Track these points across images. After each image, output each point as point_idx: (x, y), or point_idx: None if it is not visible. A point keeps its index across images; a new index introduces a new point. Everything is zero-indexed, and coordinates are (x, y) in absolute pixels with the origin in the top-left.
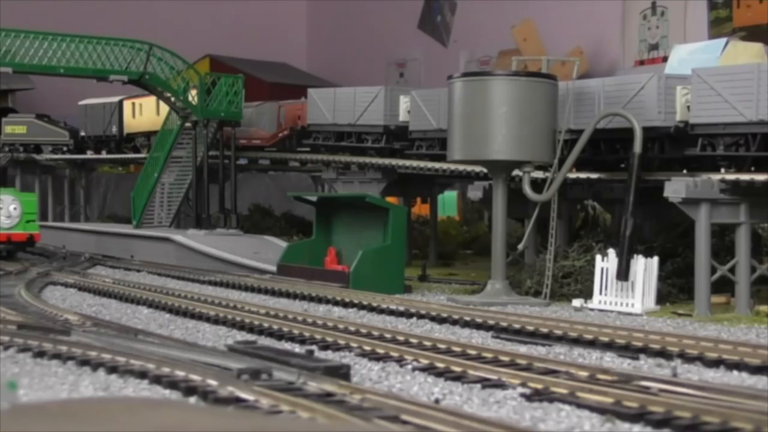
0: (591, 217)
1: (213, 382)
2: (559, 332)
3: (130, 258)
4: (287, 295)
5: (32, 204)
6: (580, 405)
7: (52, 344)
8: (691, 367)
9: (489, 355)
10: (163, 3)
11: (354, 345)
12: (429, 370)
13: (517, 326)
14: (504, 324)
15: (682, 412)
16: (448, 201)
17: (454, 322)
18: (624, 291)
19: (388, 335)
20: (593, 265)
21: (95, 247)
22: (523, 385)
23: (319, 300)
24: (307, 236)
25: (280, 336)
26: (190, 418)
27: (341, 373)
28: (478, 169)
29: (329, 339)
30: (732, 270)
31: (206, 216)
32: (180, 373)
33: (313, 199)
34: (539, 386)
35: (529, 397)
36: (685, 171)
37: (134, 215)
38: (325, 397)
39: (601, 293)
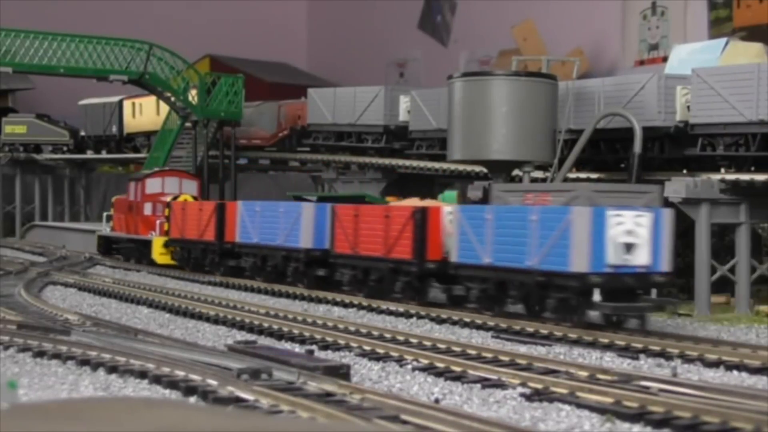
0: None
1: (213, 382)
2: (559, 333)
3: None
4: (287, 295)
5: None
6: (580, 405)
7: (52, 344)
8: (691, 367)
9: (489, 355)
10: (163, 3)
11: (354, 345)
12: (429, 370)
13: (517, 327)
14: (504, 325)
15: (682, 412)
16: (448, 200)
17: (454, 323)
18: None
19: (388, 335)
20: None
21: (96, 246)
22: (523, 385)
23: (319, 300)
24: None
25: (280, 336)
26: (190, 418)
27: (341, 373)
28: (478, 168)
29: (329, 339)
30: (732, 270)
31: None
32: (180, 373)
33: (313, 198)
34: (539, 386)
35: (529, 397)
36: (685, 171)
37: None
38: (325, 397)
39: None
